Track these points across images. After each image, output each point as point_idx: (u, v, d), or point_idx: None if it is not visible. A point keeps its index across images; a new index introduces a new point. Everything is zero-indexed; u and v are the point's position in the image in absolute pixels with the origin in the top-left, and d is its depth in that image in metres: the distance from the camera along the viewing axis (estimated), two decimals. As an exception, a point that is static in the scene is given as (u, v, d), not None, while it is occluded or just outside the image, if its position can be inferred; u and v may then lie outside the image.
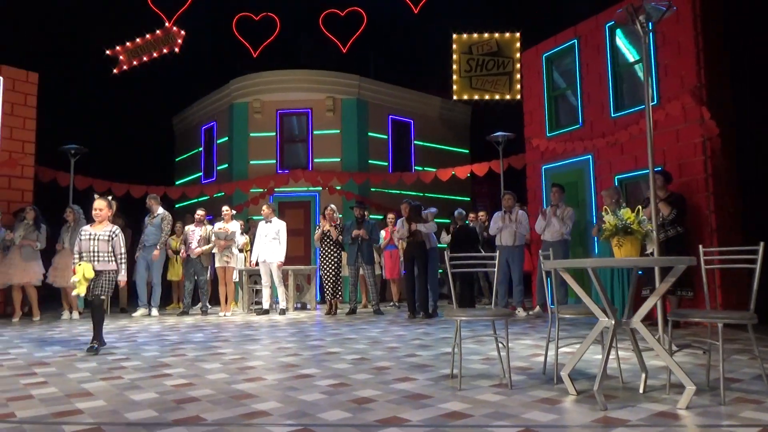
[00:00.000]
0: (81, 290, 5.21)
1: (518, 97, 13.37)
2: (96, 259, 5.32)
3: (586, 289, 8.76)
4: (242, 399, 3.36)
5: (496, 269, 4.00)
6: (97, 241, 5.37)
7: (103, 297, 5.40)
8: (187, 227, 9.76)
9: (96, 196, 5.60)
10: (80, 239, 5.43)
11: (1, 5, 10.28)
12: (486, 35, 13.48)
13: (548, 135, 9.47)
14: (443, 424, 2.80)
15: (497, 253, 4.08)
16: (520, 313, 8.39)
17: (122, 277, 5.48)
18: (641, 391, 3.37)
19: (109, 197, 5.63)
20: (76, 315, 9.10)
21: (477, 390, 3.52)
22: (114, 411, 3.12)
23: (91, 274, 5.21)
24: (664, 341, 3.69)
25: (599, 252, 7.40)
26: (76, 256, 5.41)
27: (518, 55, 13.39)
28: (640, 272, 7.27)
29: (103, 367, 4.52)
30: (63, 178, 11.28)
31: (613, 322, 3.17)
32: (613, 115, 8.32)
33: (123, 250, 5.47)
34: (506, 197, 8.70)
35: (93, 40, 12.87)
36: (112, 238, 5.42)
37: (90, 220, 5.72)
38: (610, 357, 3.87)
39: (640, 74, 7.76)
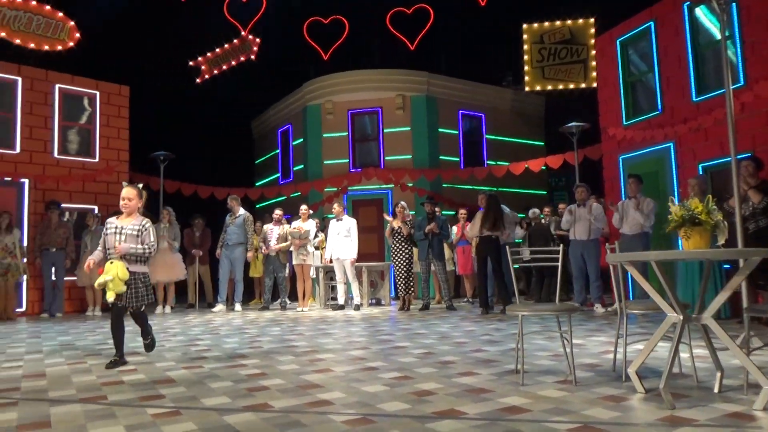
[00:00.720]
0: (118, 288, 4.42)
1: (594, 85, 12.89)
2: (123, 257, 4.54)
3: (673, 282, 8.33)
4: (309, 389, 3.52)
5: (559, 264, 3.92)
6: (124, 236, 4.57)
7: (143, 308, 4.75)
8: (265, 226, 10.22)
9: (124, 183, 4.88)
10: (105, 233, 4.64)
11: (93, 26, 11.19)
12: (558, 23, 13.09)
13: (625, 123, 9.08)
14: (500, 417, 2.81)
15: (560, 247, 3.99)
16: (598, 309, 8.12)
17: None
18: (716, 390, 3.21)
19: (140, 185, 4.94)
20: (168, 309, 9.78)
21: (540, 386, 3.48)
22: (192, 397, 3.37)
23: (125, 275, 4.45)
24: (746, 338, 3.48)
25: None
26: (99, 250, 4.69)
27: (592, 41, 12.90)
28: (728, 266, 6.86)
29: (186, 357, 4.87)
30: (154, 183, 12.13)
31: (681, 317, 3.04)
32: (695, 99, 7.86)
33: (153, 241, 4.69)
34: (579, 190, 8.43)
35: (177, 52, 13.70)
36: (142, 233, 4.64)
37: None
38: (687, 355, 3.71)
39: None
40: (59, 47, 10.58)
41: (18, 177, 9.99)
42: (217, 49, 14.21)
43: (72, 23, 10.62)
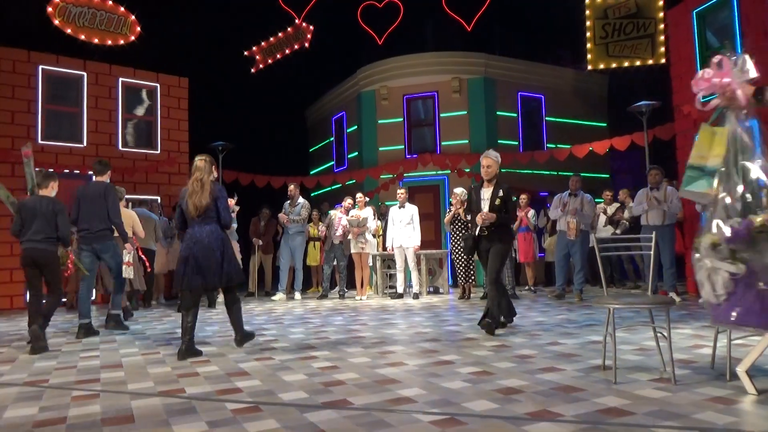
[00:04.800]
0: None
1: (662, 60, 12.19)
2: None
3: None
4: (386, 384, 3.39)
5: (651, 251, 3.63)
6: None
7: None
8: (331, 212, 10.19)
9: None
10: None
11: (152, 20, 11.36)
12: (623, -3, 12.40)
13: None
14: (600, 420, 2.59)
15: (653, 235, 3.69)
16: (674, 297, 7.68)
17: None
18: (842, 392, 2.89)
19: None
20: (229, 298, 9.91)
21: (634, 384, 3.23)
22: (269, 391, 3.30)
23: None
24: None
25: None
26: None
27: (661, 14, 12.18)
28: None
29: (255, 348, 4.84)
30: (213, 173, 12.30)
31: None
32: (784, 72, 7.24)
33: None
34: (652, 172, 7.95)
35: (233, 42, 13.81)
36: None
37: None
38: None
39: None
40: (121, 41, 10.81)
41: (86, 170, 10.30)
42: (271, 38, 14.25)
43: (133, 17, 10.82)
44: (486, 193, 5.52)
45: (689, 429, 2.44)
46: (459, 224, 9.03)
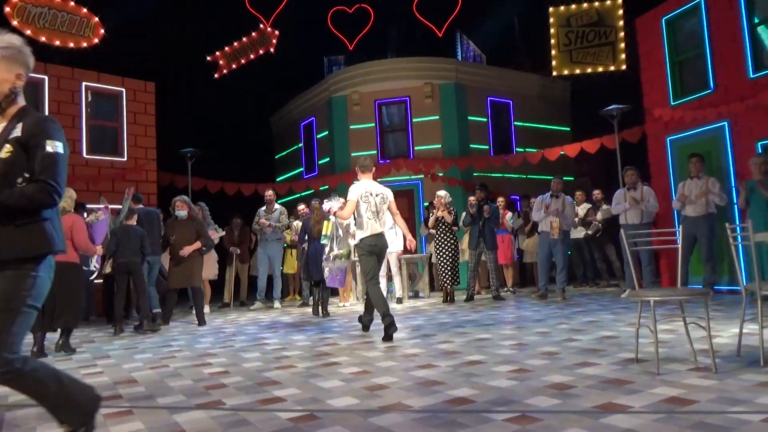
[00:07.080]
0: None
1: (623, 67, 12.67)
2: None
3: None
4: (432, 386, 3.32)
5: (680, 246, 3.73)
6: None
7: None
8: (295, 222, 9.99)
9: None
10: None
11: (114, 21, 10.90)
12: (585, 5, 12.82)
13: (672, 104, 8.86)
14: (671, 410, 2.61)
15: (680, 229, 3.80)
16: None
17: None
18: None
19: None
20: (207, 308, 9.56)
21: (677, 374, 3.30)
22: (313, 398, 3.17)
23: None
24: None
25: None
26: None
27: (621, 23, 12.67)
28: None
29: (268, 357, 4.66)
30: (180, 180, 11.92)
31: None
32: (752, 76, 7.64)
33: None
34: (629, 173, 8.20)
35: (198, 47, 13.45)
36: None
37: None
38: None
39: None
40: (84, 44, 10.32)
41: (48, 178, 9.75)
42: (235, 43, 13.96)
43: (96, 19, 10.36)
44: None
45: (763, 413, 2.50)
46: (443, 227, 9.04)
